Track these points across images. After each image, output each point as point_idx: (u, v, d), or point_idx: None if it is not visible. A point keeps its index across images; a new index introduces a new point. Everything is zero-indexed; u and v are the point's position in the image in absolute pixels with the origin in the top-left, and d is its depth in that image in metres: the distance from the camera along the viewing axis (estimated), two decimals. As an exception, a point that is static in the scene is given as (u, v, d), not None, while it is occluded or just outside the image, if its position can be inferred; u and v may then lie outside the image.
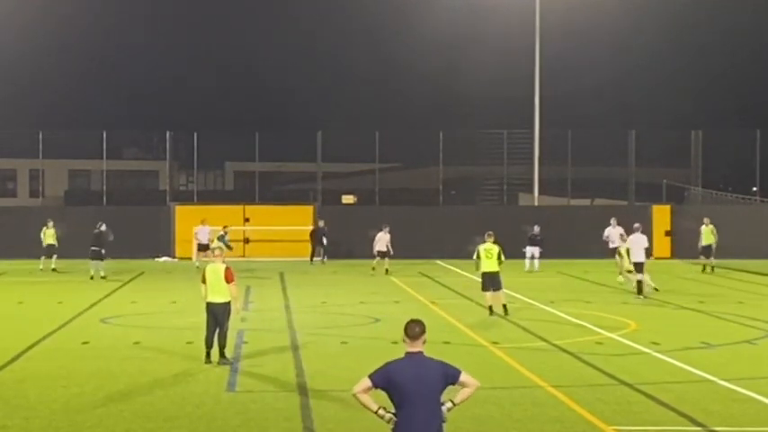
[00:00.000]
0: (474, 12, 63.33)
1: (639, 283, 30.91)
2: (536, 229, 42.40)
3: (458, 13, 66.05)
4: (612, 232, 38.72)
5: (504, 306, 26.08)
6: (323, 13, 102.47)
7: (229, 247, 39.15)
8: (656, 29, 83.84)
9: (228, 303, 18.63)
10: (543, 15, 53.24)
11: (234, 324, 24.07)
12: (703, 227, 41.94)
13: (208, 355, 18.65)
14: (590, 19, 62.22)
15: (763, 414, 14.76)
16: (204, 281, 18.69)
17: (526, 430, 13.81)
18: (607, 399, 15.58)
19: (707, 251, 41.57)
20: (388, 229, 40.60)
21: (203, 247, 44.14)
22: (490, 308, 26.07)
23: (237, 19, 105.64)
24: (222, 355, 18.61)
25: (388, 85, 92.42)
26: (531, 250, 42.12)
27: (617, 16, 66.22)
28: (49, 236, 41.70)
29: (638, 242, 31.19)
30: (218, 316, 18.56)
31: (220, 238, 38.96)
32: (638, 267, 30.90)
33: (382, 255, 40.18)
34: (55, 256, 41.15)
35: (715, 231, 41.58)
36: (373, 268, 39.53)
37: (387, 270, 39.50)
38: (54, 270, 40.44)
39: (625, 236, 34.79)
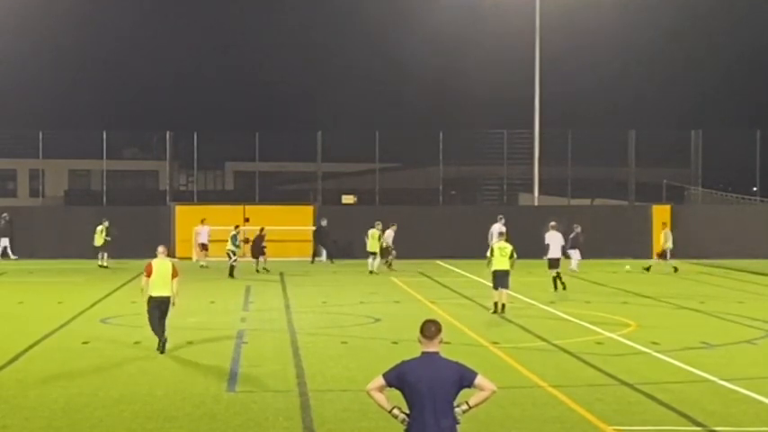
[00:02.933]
0: (474, 12, 63.28)
1: (556, 279, 32.66)
2: (578, 229, 41.15)
3: (458, 13, 65.96)
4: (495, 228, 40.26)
5: (503, 305, 26.24)
6: (323, 14, 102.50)
7: (237, 247, 38.89)
8: (655, 29, 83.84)
9: (170, 297, 19.83)
10: (543, 15, 53.23)
11: (234, 324, 24.22)
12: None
13: (161, 344, 19.70)
14: (590, 19, 62.17)
15: (763, 414, 14.76)
16: (149, 275, 19.72)
17: (526, 430, 13.81)
18: (607, 399, 15.58)
19: (664, 254, 41.73)
20: (394, 227, 41.19)
21: (204, 247, 44.29)
22: (495, 304, 26.37)
23: (237, 19, 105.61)
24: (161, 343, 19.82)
25: (388, 85, 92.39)
26: (574, 253, 40.92)
27: (617, 16, 66.18)
28: (101, 235, 42.52)
29: (553, 239, 33.36)
30: (162, 308, 19.77)
31: (233, 239, 38.74)
32: (554, 263, 32.63)
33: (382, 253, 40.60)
34: (105, 255, 42.33)
35: (669, 235, 41.83)
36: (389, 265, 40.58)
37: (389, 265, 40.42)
38: (103, 267, 41.71)
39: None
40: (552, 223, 34.40)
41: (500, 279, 26.35)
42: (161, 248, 20.46)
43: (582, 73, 77.69)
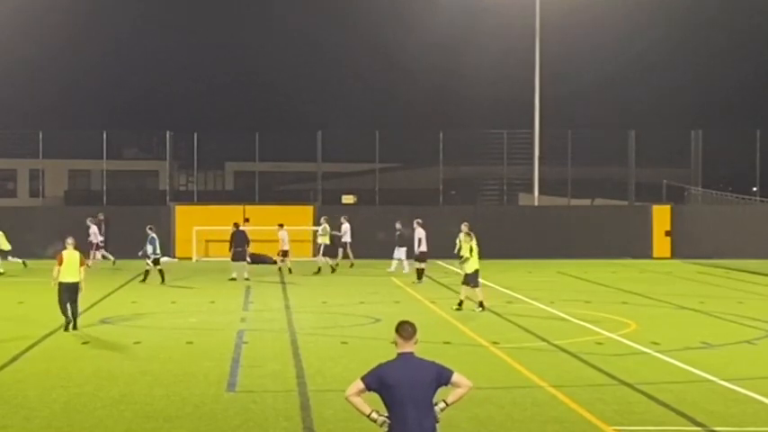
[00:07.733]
0: (474, 12, 63.31)
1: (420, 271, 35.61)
2: (398, 225, 40.51)
3: (457, 13, 65.98)
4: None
5: (481, 302, 26.74)
6: (323, 14, 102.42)
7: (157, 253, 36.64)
8: (655, 29, 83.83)
9: (79, 282, 22.64)
10: (543, 15, 53.23)
11: (234, 324, 24.23)
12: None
13: (67, 324, 22.59)
14: (590, 19, 62.19)
15: (763, 414, 14.76)
16: (60, 264, 22.61)
17: (526, 430, 13.81)
18: (607, 399, 15.58)
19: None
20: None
21: (97, 247, 43.25)
22: (461, 302, 26.96)
23: (237, 19, 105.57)
24: (75, 324, 22.65)
25: (388, 85, 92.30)
26: (400, 252, 39.98)
27: (617, 16, 66.21)
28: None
29: (422, 235, 36.21)
30: (72, 292, 22.60)
31: (152, 241, 37.21)
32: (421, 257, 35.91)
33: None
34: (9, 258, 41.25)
35: (285, 236, 39.73)
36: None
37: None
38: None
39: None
40: (419, 220, 37.00)
41: (475, 278, 26.82)
42: (70, 240, 23.12)
43: (582, 73, 77.70)
